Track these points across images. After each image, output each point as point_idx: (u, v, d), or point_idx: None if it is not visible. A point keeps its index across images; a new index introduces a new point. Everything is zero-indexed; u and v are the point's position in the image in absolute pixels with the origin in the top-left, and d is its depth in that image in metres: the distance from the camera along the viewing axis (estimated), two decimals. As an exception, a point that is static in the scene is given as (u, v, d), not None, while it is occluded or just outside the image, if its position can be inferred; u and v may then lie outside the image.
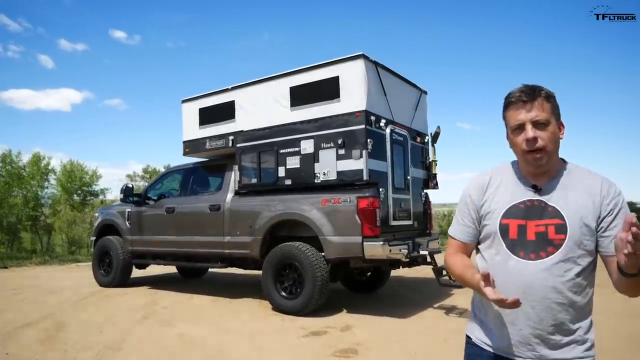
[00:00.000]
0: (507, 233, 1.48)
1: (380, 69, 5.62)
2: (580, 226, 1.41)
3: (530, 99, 1.43)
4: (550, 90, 1.48)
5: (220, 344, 4.40)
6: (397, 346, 4.21)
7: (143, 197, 7.43)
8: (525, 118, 1.43)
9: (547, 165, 1.46)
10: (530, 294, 1.41)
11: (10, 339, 4.58)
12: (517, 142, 1.47)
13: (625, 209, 1.43)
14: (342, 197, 5.24)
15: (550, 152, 1.44)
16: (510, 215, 1.49)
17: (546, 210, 1.45)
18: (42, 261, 12.43)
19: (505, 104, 1.51)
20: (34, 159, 38.42)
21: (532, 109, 1.43)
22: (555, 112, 1.47)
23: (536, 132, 1.42)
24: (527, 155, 1.45)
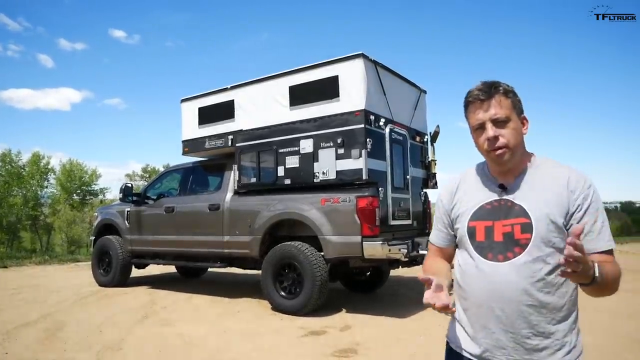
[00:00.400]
0: (474, 235, 1.44)
1: (380, 68, 5.62)
2: (547, 223, 1.35)
3: (487, 97, 1.39)
4: (509, 85, 1.44)
5: (219, 343, 4.40)
6: (397, 346, 4.21)
7: (142, 196, 7.43)
8: (484, 117, 1.40)
9: (512, 162, 1.42)
10: (499, 297, 1.36)
11: (9, 339, 4.58)
12: (480, 142, 1.43)
13: (596, 203, 1.36)
14: (341, 196, 5.24)
15: (513, 149, 1.40)
16: (477, 217, 1.46)
17: (512, 209, 1.40)
18: (41, 261, 12.42)
19: (464, 104, 1.47)
20: (34, 158, 38.43)
21: (491, 107, 1.39)
22: (516, 107, 1.42)
23: (497, 131, 1.38)
24: (490, 153, 1.41)
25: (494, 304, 1.37)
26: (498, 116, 1.38)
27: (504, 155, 1.39)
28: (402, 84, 6.29)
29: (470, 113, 1.44)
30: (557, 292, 1.35)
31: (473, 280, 1.43)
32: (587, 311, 5.27)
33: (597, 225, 1.35)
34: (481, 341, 1.41)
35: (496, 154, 1.39)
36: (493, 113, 1.38)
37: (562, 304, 1.36)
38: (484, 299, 1.39)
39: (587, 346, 4.21)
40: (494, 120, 1.39)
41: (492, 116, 1.39)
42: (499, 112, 1.38)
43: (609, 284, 1.29)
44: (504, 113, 1.38)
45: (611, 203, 36.57)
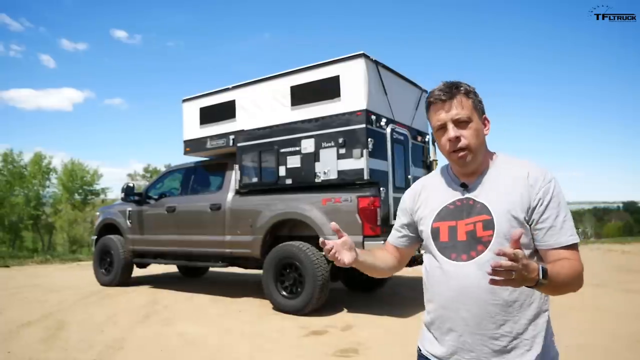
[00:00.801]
0: (438, 236, 1.43)
1: (381, 68, 5.61)
2: (508, 219, 1.33)
3: (448, 97, 1.39)
4: (470, 85, 1.43)
5: (220, 343, 4.41)
6: (398, 346, 4.21)
7: (144, 196, 7.43)
8: (445, 117, 1.39)
9: (474, 163, 1.40)
10: (464, 297, 1.34)
11: (11, 338, 4.59)
12: (442, 143, 1.42)
13: (557, 197, 1.34)
14: (342, 196, 5.23)
15: (475, 149, 1.39)
16: (440, 217, 1.45)
17: (474, 207, 1.39)
18: (43, 260, 12.45)
19: (426, 105, 1.46)
20: (36, 158, 38.54)
21: (452, 108, 1.38)
22: (477, 107, 1.41)
23: (458, 131, 1.37)
24: (452, 154, 1.41)
25: (459, 305, 1.35)
26: (459, 116, 1.37)
27: (465, 157, 1.38)
28: (403, 84, 6.29)
29: (431, 113, 1.44)
30: (524, 290, 1.30)
31: (437, 282, 1.42)
32: (589, 311, 5.28)
33: (559, 219, 1.33)
34: (449, 344, 1.39)
35: (458, 156, 1.39)
36: (454, 113, 1.38)
37: (529, 302, 1.33)
38: (449, 300, 1.38)
39: (589, 347, 4.21)
40: (455, 120, 1.38)
41: (453, 116, 1.38)
42: (460, 112, 1.37)
43: (564, 283, 1.25)
44: (465, 113, 1.38)
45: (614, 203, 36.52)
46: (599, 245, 14.50)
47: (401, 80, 6.22)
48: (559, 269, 1.23)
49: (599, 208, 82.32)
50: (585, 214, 73.46)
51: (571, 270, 1.28)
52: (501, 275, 1.08)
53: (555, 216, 1.32)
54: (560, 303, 5.89)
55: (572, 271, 1.28)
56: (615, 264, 9.46)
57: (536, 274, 1.14)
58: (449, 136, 1.38)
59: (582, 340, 4.10)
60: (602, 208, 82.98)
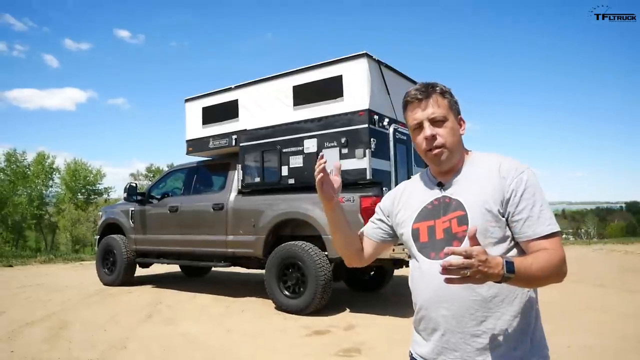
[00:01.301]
0: (418, 237, 1.44)
1: (384, 67, 5.61)
2: (481, 213, 1.33)
3: (425, 96, 1.40)
4: (446, 86, 1.45)
5: (223, 342, 4.41)
6: (401, 346, 4.21)
7: (147, 196, 7.45)
8: (422, 116, 1.41)
9: (450, 162, 1.42)
10: (443, 296, 1.33)
11: (15, 337, 4.60)
12: (418, 141, 1.44)
13: (532, 187, 1.32)
14: (345, 196, 5.23)
15: (451, 148, 1.40)
16: (420, 218, 1.46)
17: (450, 205, 1.40)
18: (46, 260, 12.48)
19: (403, 105, 1.48)
20: (39, 158, 38.66)
21: (428, 107, 1.40)
22: (452, 107, 1.43)
23: (434, 130, 1.39)
24: (427, 154, 1.42)
25: (439, 304, 1.35)
26: (435, 115, 1.39)
27: (441, 155, 1.40)
28: (406, 84, 6.27)
29: (408, 113, 1.45)
30: (503, 286, 1.25)
31: (419, 282, 1.42)
32: (593, 312, 5.27)
33: (535, 209, 1.31)
34: (434, 344, 1.38)
35: (433, 154, 1.40)
36: (430, 112, 1.39)
37: (512, 297, 1.31)
38: (430, 299, 1.38)
39: (592, 347, 4.20)
40: (431, 119, 1.39)
41: (429, 115, 1.39)
42: (436, 111, 1.39)
43: (538, 275, 1.22)
44: (441, 112, 1.39)
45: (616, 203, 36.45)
46: (601, 245, 14.46)
47: (404, 79, 6.21)
48: (532, 261, 1.21)
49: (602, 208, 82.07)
50: (588, 214, 73.25)
51: (548, 261, 1.24)
52: (454, 273, 1.08)
53: (532, 206, 1.30)
54: (564, 303, 5.88)
55: (548, 262, 1.25)
56: (618, 264, 9.43)
57: (500, 268, 1.12)
58: (425, 134, 1.40)
59: (586, 341, 4.09)
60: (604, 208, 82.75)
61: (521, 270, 1.16)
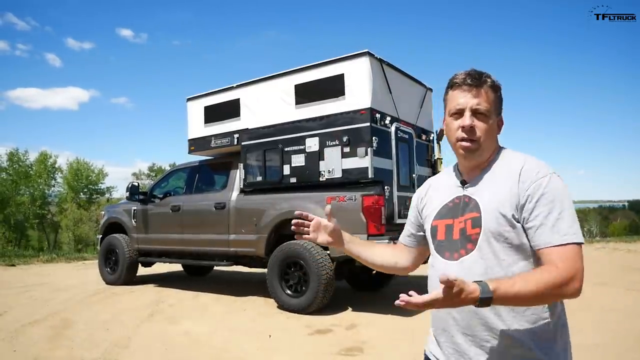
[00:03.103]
0: (436, 234, 1.40)
1: (386, 66, 5.60)
2: (496, 217, 1.26)
3: (476, 84, 1.31)
4: (498, 81, 1.36)
5: (225, 341, 4.41)
6: (403, 345, 4.20)
7: (149, 195, 7.46)
8: (466, 103, 1.31)
9: (478, 158, 1.34)
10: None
11: (17, 336, 4.61)
12: (452, 128, 1.35)
13: (551, 193, 1.22)
14: (347, 195, 5.23)
15: (484, 145, 1.32)
16: (439, 215, 1.41)
17: (469, 204, 1.33)
18: (49, 259, 12.51)
19: (448, 85, 1.38)
20: (41, 157, 38.69)
21: (476, 96, 1.31)
22: (497, 105, 1.35)
23: (474, 121, 1.30)
24: (458, 143, 1.33)
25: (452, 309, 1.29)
26: (480, 107, 1.30)
27: (471, 149, 1.32)
28: (408, 82, 6.27)
29: (451, 96, 1.36)
30: None
31: (434, 281, 1.38)
32: (595, 310, 5.25)
33: (551, 217, 1.21)
34: (444, 345, 1.36)
35: (465, 146, 1.32)
36: (476, 102, 1.30)
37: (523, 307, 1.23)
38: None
39: (595, 346, 4.18)
40: (474, 110, 1.30)
41: (474, 105, 1.30)
42: (482, 103, 1.30)
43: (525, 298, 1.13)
44: (486, 106, 1.31)
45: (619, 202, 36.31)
46: (604, 244, 14.42)
47: (406, 78, 6.20)
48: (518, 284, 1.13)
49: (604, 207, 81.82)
50: (590, 213, 72.97)
51: (540, 282, 1.14)
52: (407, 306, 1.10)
53: (547, 214, 1.21)
54: (566, 302, 5.85)
55: (540, 282, 1.14)
56: (620, 263, 9.40)
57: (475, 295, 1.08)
58: (464, 123, 1.31)
59: (588, 340, 4.07)
60: (607, 207, 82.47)
61: (500, 294, 1.10)
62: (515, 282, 1.13)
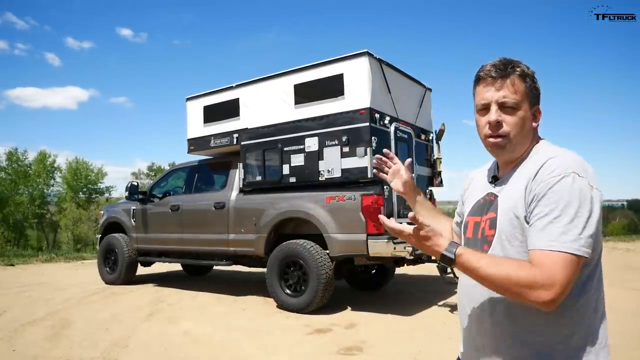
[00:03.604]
0: (465, 231, 1.36)
1: (385, 66, 5.60)
2: (510, 218, 1.18)
3: (501, 75, 1.22)
4: (530, 67, 1.25)
5: (225, 341, 4.42)
6: (402, 344, 4.21)
7: (148, 195, 7.46)
8: (491, 97, 1.23)
9: (509, 154, 1.26)
10: (468, 295, 1.27)
11: (16, 336, 4.61)
12: (480, 124, 1.28)
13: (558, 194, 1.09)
14: (346, 194, 5.23)
15: (515, 140, 1.23)
16: (472, 212, 1.36)
17: (493, 203, 1.26)
18: (48, 259, 12.50)
19: (474, 79, 1.30)
20: (40, 156, 38.67)
21: (502, 88, 1.22)
22: (530, 94, 1.24)
23: (501, 115, 1.22)
24: (487, 139, 1.26)
25: (466, 303, 1.30)
26: (506, 100, 1.21)
27: (499, 145, 1.24)
28: (407, 82, 6.27)
29: (477, 90, 1.29)
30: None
31: (460, 279, 1.39)
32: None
33: (546, 219, 1.09)
34: (467, 345, 1.34)
35: (493, 142, 1.25)
36: (502, 95, 1.22)
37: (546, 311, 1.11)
38: (461, 296, 1.35)
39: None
40: (500, 103, 1.22)
41: (499, 98, 1.22)
42: (508, 95, 1.21)
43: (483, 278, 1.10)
44: (514, 98, 1.21)
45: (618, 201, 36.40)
46: (603, 243, 14.43)
47: (405, 78, 6.20)
48: (486, 261, 1.11)
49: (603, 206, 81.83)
50: (589, 213, 72.81)
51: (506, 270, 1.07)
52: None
53: (544, 214, 1.09)
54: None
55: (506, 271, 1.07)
56: (619, 262, 9.41)
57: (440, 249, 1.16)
58: (490, 119, 1.23)
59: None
60: (606, 206, 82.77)
61: (462, 260, 1.13)
62: (482, 258, 1.12)
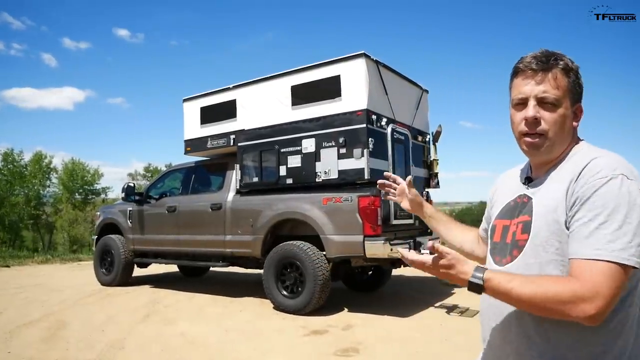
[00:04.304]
0: (493, 235, 1.28)
1: (382, 67, 5.61)
2: (547, 223, 1.09)
3: (542, 68, 1.12)
4: (574, 62, 1.15)
5: (221, 342, 4.41)
6: (399, 345, 4.21)
7: (145, 196, 7.44)
8: (530, 92, 1.13)
9: (546, 155, 1.16)
10: (493, 305, 1.18)
11: (12, 338, 4.59)
12: (516, 120, 1.18)
13: (605, 199, 1.00)
14: (343, 196, 5.24)
15: (553, 140, 1.13)
16: (501, 215, 1.28)
17: (527, 205, 1.17)
18: (43, 260, 12.45)
19: (512, 71, 1.20)
20: (36, 157, 38.56)
21: (542, 82, 1.12)
22: (573, 91, 1.14)
23: (539, 112, 1.12)
24: (522, 138, 1.17)
25: (490, 314, 1.22)
26: (547, 95, 1.11)
27: (538, 145, 1.14)
28: (404, 84, 6.28)
29: (515, 83, 1.19)
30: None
31: None
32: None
33: (591, 224, 1.00)
34: (484, 354, 1.28)
35: (529, 141, 1.15)
36: (542, 90, 1.12)
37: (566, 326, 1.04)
38: (485, 307, 1.25)
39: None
40: (540, 98, 1.12)
41: (539, 93, 1.12)
42: (550, 90, 1.11)
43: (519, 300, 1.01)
44: (555, 94, 1.12)
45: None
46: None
47: (402, 79, 6.22)
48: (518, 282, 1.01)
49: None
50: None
51: (542, 288, 0.99)
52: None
53: (588, 220, 1.00)
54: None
55: (543, 289, 0.98)
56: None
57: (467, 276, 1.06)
58: (527, 114, 1.13)
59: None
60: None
61: (491, 285, 1.03)
62: (514, 279, 1.02)
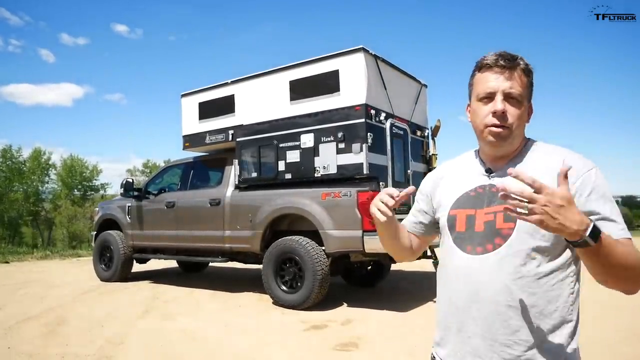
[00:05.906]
0: (454, 225, 1.28)
1: (380, 62, 5.60)
2: None
3: (509, 65, 1.20)
4: (530, 64, 1.25)
5: (220, 337, 4.42)
6: (398, 340, 4.23)
7: (143, 191, 7.44)
8: (497, 86, 1.20)
9: (508, 147, 1.24)
10: (476, 295, 1.19)
11: (11, 333, 4.59)
12: (481, 114, 1.23)
13: (602, 188, 1.14)
14: (342, 191, 5.23)
15: (515, 134, 1.22)
16: (459, 204, 1.29)
17: (497, 195, 1.17)
18: (43, 256, 12.47)
19: (477, 67, 1.26)
20: (35, 154, 38.52)
21: (510, 79, 1.20)
22: (529, 91, 1.24)
23: (506, 106, 1.20)
24: (487, 129, 1.22)
25: (470, 303, 1.20)
26: (513, 91, 1.19)
27: (502, 135, 1.21)
28: (402, 78, 6.27)
29: (480, 78, 1.25)
30: (545, 294, 1.14)
31: (449, 276, 1.28)
32: (587, 305, 5.28)
33: (607, 208, 1.12)
34: (457, 347, 1.24)
35: (497, 132, 1.21)
36: (509, 85, 1.19)
37: (551, 309, 1.15)
38: (460, 297, 1.23)
39: (586, 339, 4.21)
40: (507, 94, 1.20)
41: (507, 88, 1.20)
42: (515, 87, 1.20)
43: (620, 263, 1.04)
44: (520, 91, 1.20)
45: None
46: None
47: (400, 74, 6.20)
48: (620, 245, 1.05)
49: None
50: (584, 209, 73.13)
51: (631, 255, 1.06)
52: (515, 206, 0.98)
53: (603, 204, 1.13)
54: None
55: (632, 256, 1.06)
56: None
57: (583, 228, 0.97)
58: (496, 108, 1.20)
59: (581, 334, 4.11)
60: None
61: (606, 243, 1.01)
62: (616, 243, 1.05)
